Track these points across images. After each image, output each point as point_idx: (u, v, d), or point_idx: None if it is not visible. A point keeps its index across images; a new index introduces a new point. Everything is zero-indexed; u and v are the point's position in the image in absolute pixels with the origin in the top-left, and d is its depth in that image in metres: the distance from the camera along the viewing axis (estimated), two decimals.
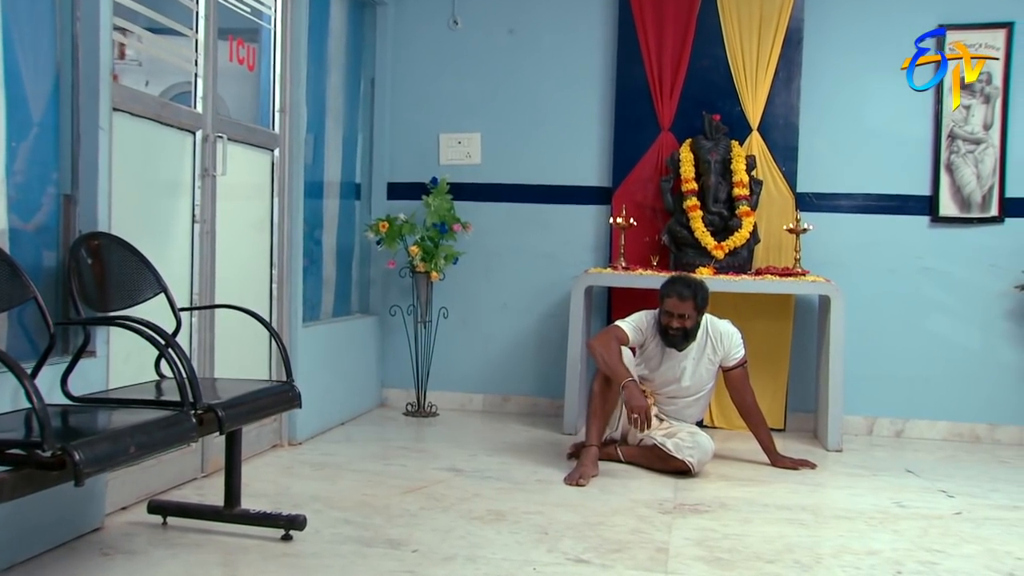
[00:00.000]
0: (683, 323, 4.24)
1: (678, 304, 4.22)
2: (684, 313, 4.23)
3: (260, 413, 2.81)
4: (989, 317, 5.32)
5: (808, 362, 5.41)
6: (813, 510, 3.69)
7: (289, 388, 3.01)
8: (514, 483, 3.95)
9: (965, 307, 5.35)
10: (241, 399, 2.73)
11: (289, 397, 2.98)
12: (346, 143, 5.62)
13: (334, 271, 5.50)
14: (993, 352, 5.32)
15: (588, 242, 5.67)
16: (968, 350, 5.35)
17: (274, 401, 2.89)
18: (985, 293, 5.30)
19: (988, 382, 5.31)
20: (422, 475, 4.03)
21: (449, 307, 5.66)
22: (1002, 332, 5.31)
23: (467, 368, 5.81)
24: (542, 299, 5.72)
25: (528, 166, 5.72)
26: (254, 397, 2.80)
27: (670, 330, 4.25)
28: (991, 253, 5.28)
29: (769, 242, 5.39)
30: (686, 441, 4.22)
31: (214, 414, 2.57)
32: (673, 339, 4.28)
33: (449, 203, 5.48)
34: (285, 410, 2.98)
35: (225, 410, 2.58)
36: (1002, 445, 5.24)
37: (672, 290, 4.25)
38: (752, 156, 5.31)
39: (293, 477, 3.96)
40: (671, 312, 4.24)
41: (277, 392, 2.94)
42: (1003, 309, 5.29)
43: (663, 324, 4.27)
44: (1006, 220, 5.25)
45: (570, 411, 5.11)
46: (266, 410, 2.85)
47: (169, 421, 2.36)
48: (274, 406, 2.89)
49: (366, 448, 4.59)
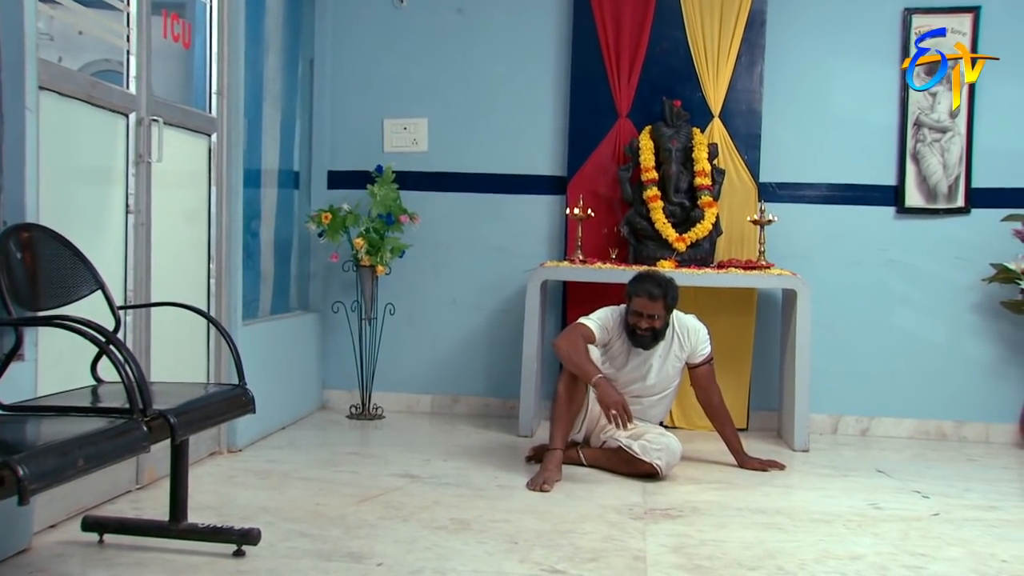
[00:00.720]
0: (652, 323, 4.22)
1: (648, 304, 4.20)
2: (654, 313, 4.21)
3: (214, 419, 2.72)
4: (955, 311, 5.42)
5: (771, 359, 5.45)
6: (789, 513, 3.71)
7: (243, 392, 2.91)
8: (474, 489, 3.90)
9: (931, 301, 5.44)
10: (192, 404, 2.63)
11: (243, 401, 2.88)
12: (284, 129, 5.50)
13: (272, 265, 5.38)
14: (959, 347, 5.42)
15: (542, 234, 5.63)
16: (934, 345, 5.44)
17: (228, 406, 2.80)
18: (951, 286, 5.40)
19: (954, 378, 5.40)
20: (376, 482, 3.96)
21: (395, 303, 5.59)
22: (968, 326, 5.41)
23: (414, 368, 5.74)
24: (494, 294, 5.68)
25: (478, 154, 5.67)
26: (206, 402, 2.71)
27: (638, 330, 4.23)
28: (957, 245, 5.38)
29: (731, 234, 5.42)
30: (653, 443, 4.20)
31: (165, 421, 2.47)
32: (641, 340, 4.26)
33: (395, 193, 5.40)
34: (239, 415, 2.88)
35: (177, 417, 2.48)
36: (969, 443, 5.34)
37: (641, 289, 4.22)
38: (714, 144, 5.32)
39: (237, 487, 3.85)
40: (640, 312, 4.21)
41: (230, 396, 2.84)
42: (969, 303, 5.39)
43: (631, 324, 4.24)
44: (973, 211, 5.35)
45: (526, 412, 5.07)
46: (220, 416, 2.75)
47: (118, 430, 2.26)
48: (228, 411, 2.80)
49: (312, 454, 4.50)
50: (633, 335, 4.26)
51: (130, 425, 2.31)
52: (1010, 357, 5.35)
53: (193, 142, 4.35)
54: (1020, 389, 5.28)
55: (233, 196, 4.55)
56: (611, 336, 4.34)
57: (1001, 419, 5.36)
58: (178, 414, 2.49)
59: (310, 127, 5.77)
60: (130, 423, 2.32)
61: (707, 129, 5.41)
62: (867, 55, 5.41)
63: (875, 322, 5.47)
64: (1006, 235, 5.18)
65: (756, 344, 5.47)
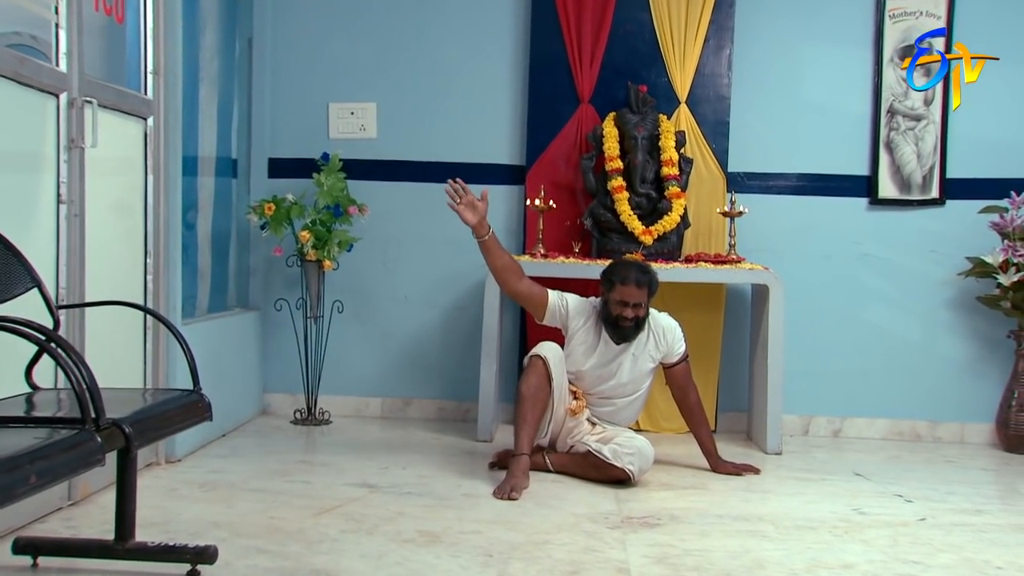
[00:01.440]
0: (637, 312, 4.20)
1: (634, 292, 4.18)
2: (640, 302, 4.20)
3: (170, 428, 2.62)
4: (930, 307, 5.48)
5: (740, 357, 5.47)
6: (772, 520, 3.71)
7: (198, 398, 2.82)
8: (439, 499, 3.85)
9: (905, 296, 5.50)
10: (147, 413, 2.53)
11: (199, 408, 2.79)
12: (221, 113, 5.37)
13: (209, 260, 5.26)
14: (934, 344, 5.48)
15: (499, 227, 5.53)
16: (908, 342, 5.50)
17: (184, 414, 2.70)
18: (925, 281, 5.46)
19: (928, 376, 5.47)
20: (332, 493, 3.88)
21: (343, 300, 5.49)
22: (943, 323, 5.48)
23: (363, 369, 5.65)
24: (448, 290, 5.61)
25: (431, 141, 5.60)
26: (161, 410, 2.61)
27: (622, 321, 4.21)
28: (932, 238, 5.45)
29: (698, 227, 5.42)
30: (624, 447, 4.18)
31: (120, 431, 2.37)
32: (625, 331, 4.23)
33: (342, 183, 5.30)
34: (196, 423, 2.78)
35: (132, 426, 2.38)
36: (944, 443, 5.41)
37: (626, 276, 4.20)
38: (682, 132, 5.32)
39: (181, 500, 3.74)
40: (624, 301, 4.18)
41: (185, 403, 2.75)
42: (944, 298, 5.46)
43: (613, 315, 4.21)
44: (947, 203, 5.42)
45: (484, 416, 5.02)
46: (176, 424, 2.66)
47: (71, 442, 2.15)
48: (184, 419, 2.70)
49: (259, 463, 4.39)
50: (615, 327, 4.23)
51: (83, 436, 2.21)
52: (985, 355, 5.43)
53: (128, 126, 4.21)
54: (996, 388, 5.36)
55: (171, 185, 4.42)
56: (575, 322, 4.31)
57: (976, 419, 5.44)
58: (133, 423, 2.39)
59: (249, 112, 5.64)
60: (82, 434, 2.21)
61: (673, 116, 5.40)
62: (840, 39, 5.45)
63: (847, 319, 5.52)
64: (982, 228, 5.25)
65: (725, 342, 5.49)
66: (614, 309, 4.23)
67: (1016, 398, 5.19)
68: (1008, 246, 5.03)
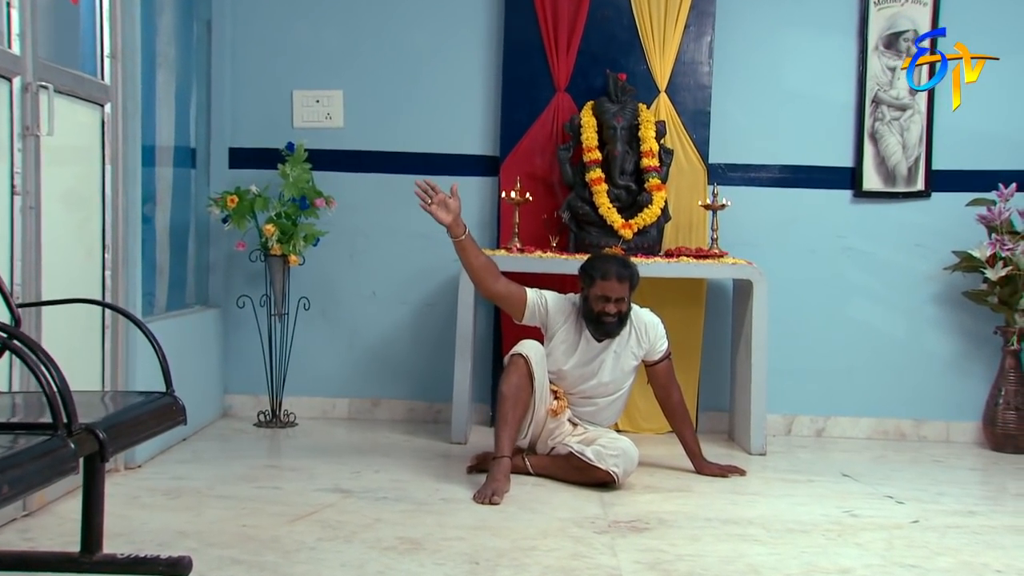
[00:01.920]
0: (619, 308, 4.20)
1: (616, 286, 4.17)
2: (622, 296, 4.19)
3: (144, 433, 2.56)
4: (915, 302, 5.53)
5: (722, 355, 5.48)
6: (762, 524, 3.71)
7: (172, 401, 2.76)
8: (417, 504, 3.81)
9: (889, 291, 5.54)
10: (120, 417, 2.47)
11: (174, 411, 2.73)
12: (179, 99, 5.29)
13: (168, 255, 5.18)
14: (919, 341, 5.53)
15: (472, 220, 5.46)
16: (892, 339, 5.54)
17: (158, 417, 2.64)
18: (911, 276, 5.51)
19: (914, 374, 5.52)
20: (304, 499, 3.84)
21: (309, 297, 5.42)
22: (928, 319, 5.52)
23: (329, 369, 5.60)
24: (418, 286, 5.58)
25: (400, 131, 5.56)
26: (134, 413, 2.55)
27: (605, 317, 4.19)
28: (917, 231, 5.49)
29: (678, 220, 5.42)
30: (608, 448, 4.17)
31: (93, 437, 2.31)
32: (608, 327, 4.22)
33: (308, 174, 5.25)
34: (170, 427, 2.73)
35: (106, 431, 2.32)
36: (929, 442, 5.46)
37: (608, 270, 4.19)
38: (662, 122, 5.31)
39: (145, 509, 3.68)
40: (606, 296, 4.17)
41: (159, 406, 2.69)
42: (929, 293, 5.50)
43: (595, 311, 4.19)
44: (933, 195, 5.47)
45: (459, 417, 4.99)
46: (151, 429, 2.59)
47: (43, 449, 2.10)
48: (159, 423, 2.64)
49: (224, 468, 4.34)
50: (598, 323, 4.21)
51: (55, 443, 2.15)
52: (972, 351, 5.48)
53: (84, 113, 4.13)
54: (982, 385, 5.41)
55: (130, 176, 4.34)
56: (556, 321, 4.30)
57: (962, 417, 5.49)
58: (107, 428, 2.33)
59: (208, 98, 5.57)
60: (55, 440, 2.16)
61: (653, 105, 5.40)
62: (823, 26, 5.47)
63: (830, 315, 5.55)
64: (968, 221, 5.29)
65: (705, 339, 5.50)
66: (595, 305, 4.22)
67: (1003, 396, 5.24)
68: (996, 239, 5.08)
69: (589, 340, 4.32)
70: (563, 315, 4.31)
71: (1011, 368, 5.25)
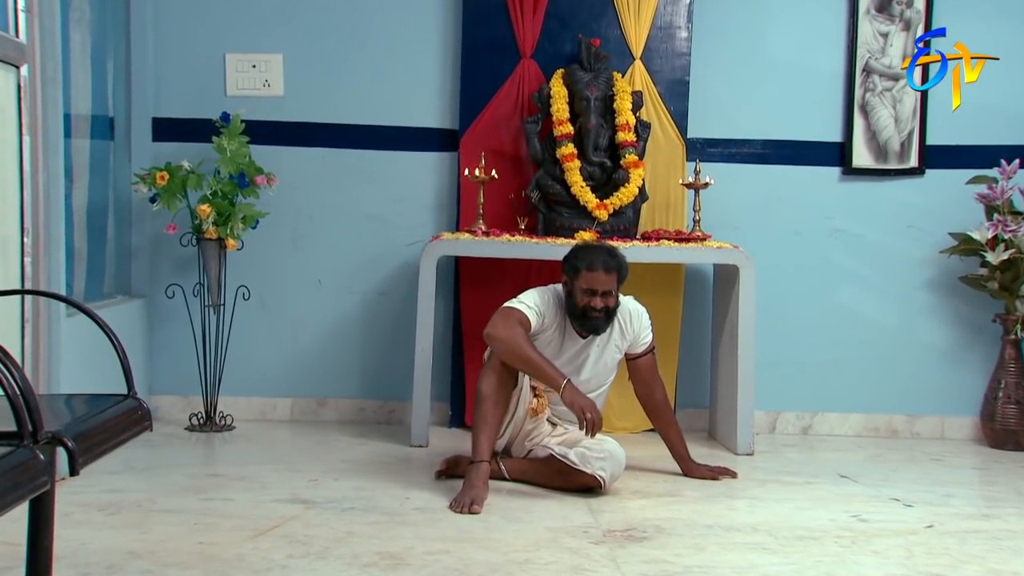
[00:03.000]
0: (607, 302, 4.17)
1: (603, 279, 4.15)
2: (609, 289, 4.17)
3: (113, 441, 2.46)
4: (907, 288, 5.60)
5: (701, 347, 5.51)
6: (768, 530, 3.73)
7: (137, 404, 2.67)
8: (388, 514, 3.77)
9: (880, 277, 5.61)
10: (87, 422, 2.38)
11: (139, 416, 2.64)
12: (95, 62, 5.14)
13: (85, 239, 5.04)
14: (911, 330, 5.60)
15: (427, 200, 5.51)
16: (883, 328, 5.61)
17: (124, 423, 2.54)
18: (903, 260, 5.57)
19: (906, 366, 5.59)
20: (261, 511, 3.76)
21: (246, 285, 5.31)
22: (921, 306, 5.60)
23: (270, 366, 5.52)
24: (368, 273, 5.52)
25: (347, 101, 5.50)
26: (101, 419, 2.46)
27: (591, 312, 4.17)
28: (910, 211, 5.56)
29: (655, 199, 5.43)
30: (593, 451, 4.15)
31: (62, 446, 2.22)
32: (595, 323, 4.20)
33: (246, 148, 5.15)
34: (137, 434, 2.63)
35: (75, 440, 2.23)
36: (923, 440, 5.54)
37: (594, 261, 4.16)
38: (639, 92, 5.31)
39: (81, 527, 3.57)
40: (593, 290, 4.15)
41: (124, 411, 2.60)
42: (923, 279, 5.58)
43: (581, 305, 4.17)
44: (927, 172, 5.54)
45: (420, 418, 4.94)
46: (119, 436, 2.49)
47: (12, 462, 2.01)
48: (126, 430, 2.54)
49: (162, 479, 4.24)
50: (584, 319, 4.19)
51: (24, 454, 2.06)
52: (968, 341, 5.58)
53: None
54: (979, 378, 5.51)
55: (51, 148, 4.21)
56: (545, 323, 4.25)
57: (957, 412, 5.58)
58: (75, 436, 2.24)
59: (127, 61, 5.42)
60: (23, 451, 2.07)
61: (627, 74, 5.39)
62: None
63: (817, 302, 5.60)
64: (965, 200, 5.36)
65: (684, 330, 5.51)
66: (581, 299, 4.18)
67: (1002, 388, 5.33)
68: (998, 220, 5.15)
69: (573, 336, 4.30)
70: (552, 315, 4.27)
71: (1011, 359, 5.34)
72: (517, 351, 4.05)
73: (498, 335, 4.09)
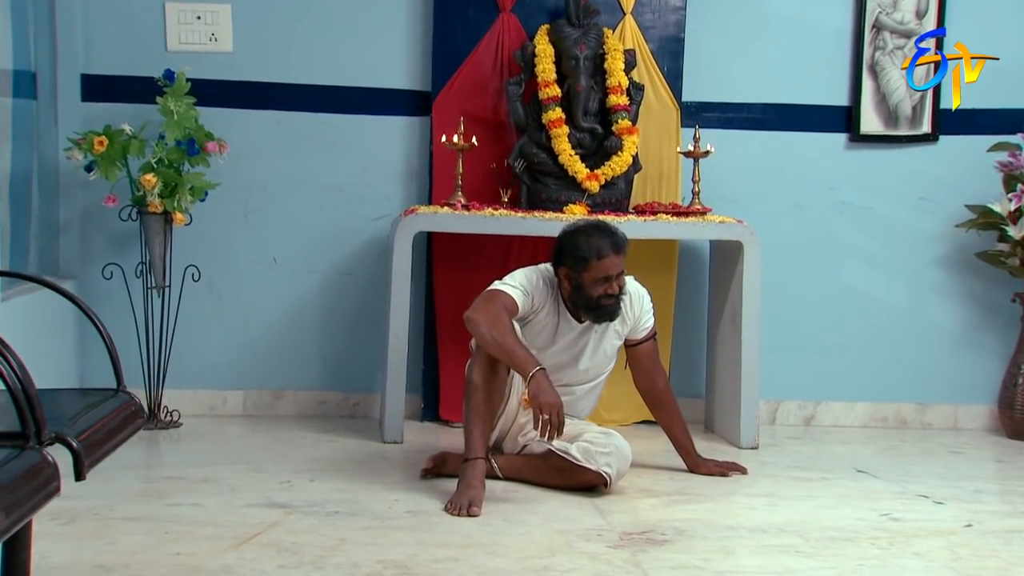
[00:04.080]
0: (620, 282, 4.19)
1: (616, 262, 4.15)
2: (621, 270, 4.18)
3: (114, 441, 2.41)
4: (918, 266, 5.67)
5: (696, 331, 5.54)
6: (797, 532, 3.76)
7: (128, 399, 2.63)
8: (379, 519, 3.75)
9: (889, 253, 5.68)
10: (88, 420, 2.33)
11: (134, 412, 2.60)
12: (14, 10, 5.01)
13: (6, 210, 4.93)
14: (923, 311, 5.69)
15: (395, 170, 5.48)
16: (892, 309, 5.68)
17: (122, 420, 2.50)
18: (914, 234, 5.65)
19: (917, 350, 5.68)
20: (237, 517, 3.72)
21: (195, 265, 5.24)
22: (933, 284, 5.68)
23: (220, 355, 5.46)
24: (329, 251, 5.49)
25: (305, 58, 5.45)
26: (100, 415, 2.40)
27: (605, 300, 4.16)
28: (922, 182, 5.63)
29: (647, 169, 5.43)
30: (597, 445, 4.15)
31: (66, 447, 2.17)
32: (610, 310, 4.20)
33: (194, 110, 5.07)
34: (134, 432, 2.59)
35: (79, 440, 2.18)
36: (935, 430, 5.63)
37: (604, 246, 4.13)
38: (631, 51, 5.30)
39: (39, 540, 3.46)
40: (607, 277, 4.13)
41: (118, 405, 2.55)
42: (935, 255, 5.66)
43: (594, 296, 4.15)
44: (941, 139, 5.61)
45: (393, 412, 4.92)
46: (118, 435, 2.45)
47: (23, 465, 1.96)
48: (123, 427, 2.50)
49: (116, 483, 4.15)
50: (598, 309, 4.19)
51: (32, 456, 2.01)
52: (983, 322, 5.67)
53: None
54: (995, 363, 5.61)
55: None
56: (535, 306, 4.23)
57: (971, 400, 5.68)
58: (78, 435, 2.19)
59: (51, 9, 5.30)
60: (30, 453, 2.02)
61: (617, 30, 5.38)
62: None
63: (820, 282, 5.65)
64: (983, 169, 5.44)
65: (677, 313, 5.53)
66: (594, 290, 4.15)
67: (1022, 374, 5.42)
68: (1021, 191, 5.21)
69: (569, 321, 4.29)
70: (542, 297, 4.25)
71: None
72: (492, 335, 3.99)
73: (475, 318, 4.06)
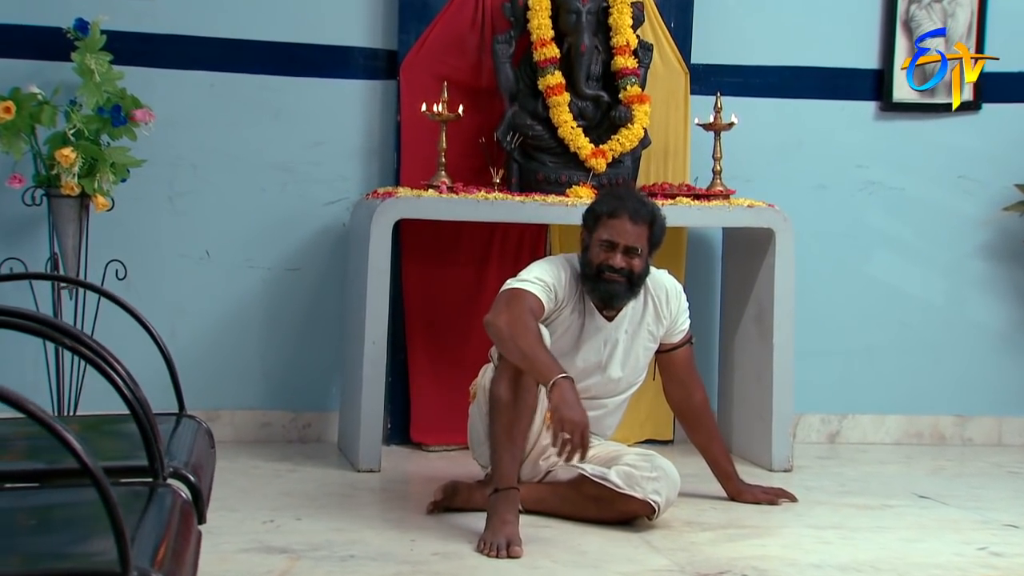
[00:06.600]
0: (629, 262, 4.16)
1: (629, 229, 4.12)
2: (636, 246, 4.14)
3: (212, 473, 2.43)
4: (957, 256, 5.86)
5: (706, 334, 5.61)
6: (891, 569, 3.85)
7: (198, 425, 2.63)
8: (407, 564, 3.74)
9: (925, 241, 5.86)
10: (193, 453, 2.33)
11: (208, 439, 2.61)
12: None
13: None
14: (962, 308, 5.88)
15: (354, 144, 5.51)
16: (928, 307, 5.86)
17: (208, 450, 2.51)
18: (954, 219, 5.84)
19: (956, 354, 5.87)
20: (236, 567, 3.67)
21: (119, 260, 5.17)
22: (974, 277, 5.87)
23: (140, 367, 5.29)
24: (273, 243, 5.51)
25: (244, 7, 5.48)
26: (197, 447, 2.41)
27: (607, 272, 4.14)
28: (962, 158, 5.82)
29: (654, 144, 5.49)
30: (641, 469, 4.17)
31: (186, 485, 2.17)
32: (612, 288, 4.17)
33: (117, 72, 5.01)
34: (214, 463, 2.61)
35: (196, 475, 2.18)
36: (977, 446, 5.83)
37: (620, 207, 4.15)
38: (639, 4, 5.37)
39: None
40: (613, 242, 4.12)
41: (197, 433, 2.55)
42: (976, 243, 5.85)
43: (596, 263, 4.15)
44: (984, 107, 5.79)
45: (370, 435, 4.93)
46: (211, 466, 2.46)
47: (166, 503, 1.96)
48: (211, 459, 2.51)
49: None
50: (597, 280, 4.17)
51: (167, 496, 2.01)
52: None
53: None
54: None
55: None
56: (559, 303, 4.25)
57: (1018, 412, 5.89)
58: (195, 471, 2.20)
59: None
60: (164, 492, 2.02)
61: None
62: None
63: (845, 276, 5.82)
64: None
65: None
66: (596, 256, 4.17)
67: None
68: None
69: (595, 318, 4.30)
70: (567, 291, 4.25)
71: None
72: (516, 342, 3.96)
73: (497, 323, 4.04)
